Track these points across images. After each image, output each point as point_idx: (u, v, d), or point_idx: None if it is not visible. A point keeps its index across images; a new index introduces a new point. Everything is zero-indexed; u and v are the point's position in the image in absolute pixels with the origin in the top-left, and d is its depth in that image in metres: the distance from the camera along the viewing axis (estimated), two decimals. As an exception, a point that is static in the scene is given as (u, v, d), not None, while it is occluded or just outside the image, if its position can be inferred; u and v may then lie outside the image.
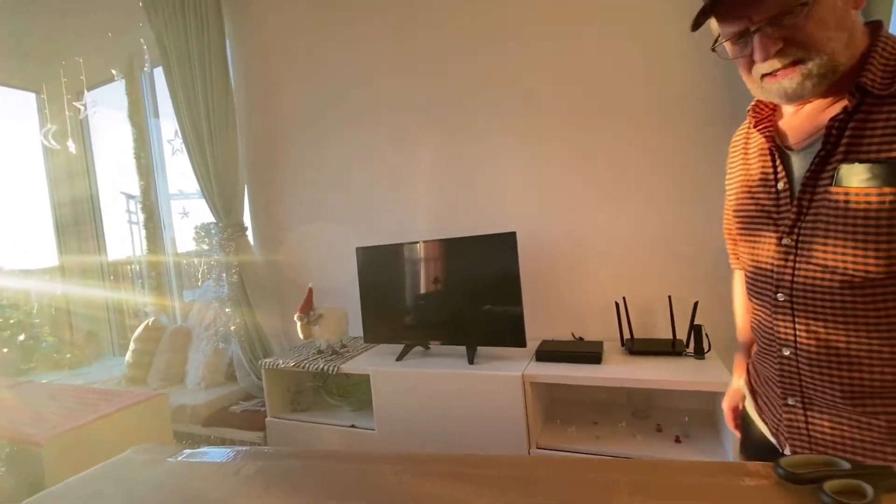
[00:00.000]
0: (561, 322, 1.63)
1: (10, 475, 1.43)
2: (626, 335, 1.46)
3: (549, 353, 1.42)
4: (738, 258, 0.85)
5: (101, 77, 2.64)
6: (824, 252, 0.60)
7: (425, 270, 1.65)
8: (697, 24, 0.61)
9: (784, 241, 0.64)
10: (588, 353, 1.38)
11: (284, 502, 0.49)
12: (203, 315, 2.40)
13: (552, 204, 1.64)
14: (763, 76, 0.59)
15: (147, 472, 0.61)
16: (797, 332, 0.64)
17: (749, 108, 0.70)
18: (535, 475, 0.51)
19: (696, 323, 1.33)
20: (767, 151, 0.67)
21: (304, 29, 2.04)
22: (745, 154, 0.73)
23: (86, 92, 2.56)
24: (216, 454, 0.66)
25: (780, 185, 0.64)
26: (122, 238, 3.25)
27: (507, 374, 1.36)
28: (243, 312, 2.18)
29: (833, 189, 0.57)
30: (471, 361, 1.48)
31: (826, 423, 0.62)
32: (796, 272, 0.63)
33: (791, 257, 0.63)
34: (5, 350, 3.10)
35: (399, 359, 1.62)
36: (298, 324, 1.80)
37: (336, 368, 1.65)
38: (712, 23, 0.63)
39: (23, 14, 2.39)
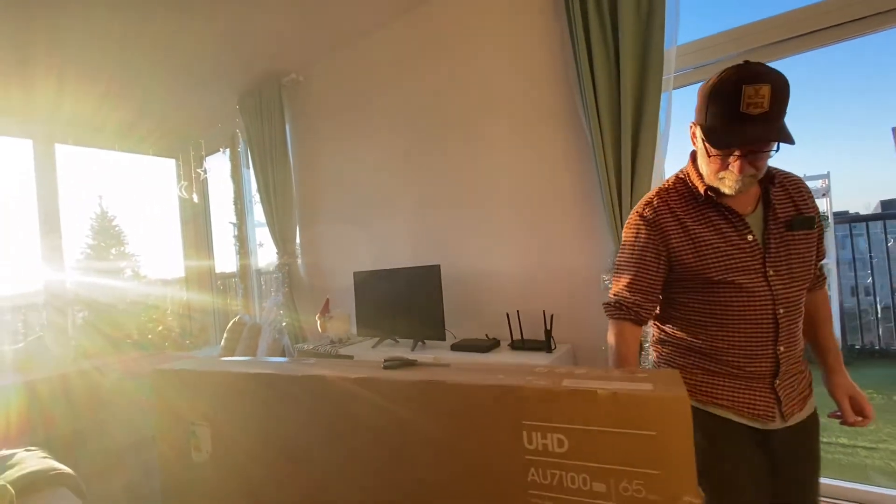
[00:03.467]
0: (482, 327, 2.30)
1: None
2: (517, 337, 2.10)
3: (459, 344, 2.12)
4: (637, 313, 1.01)
5: (213, 150, 3.87)
6: (792, 270, 0.92)
7: (393, 288, 2.43)
8: (720, 145, 0.86)
9: (771, 273, 0.90)
10: (481, 345, 2.06)
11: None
12: (269, 315, 3.42)
13: (475, 243, 2.35)
14: (722, 176, 0.89)
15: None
16: (791, 332, 0.92)
17: (704, 196, 0.95)
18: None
19: (550, 328, 1.95)
20: (727, 216, 0.94)
21: (336, 123, 2.99)
22: (688, 224, 0.96)
23: (204, 161, 3.78)
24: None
25: (750, 238, 0.92)
26: (229, 256, 4.48)
27: (425, 357, 2.09)
28: (291, 314, 3.14)
29: (795, 232, 0.92)
30: (412, 349, 2.23)
31: (791, 384, 0.96)
32: (786, 291, 0.91)
33: (779, 281, 0.91)
34: (150, 336, 4.46)
35: (374, 347, 2.42)
36: (318, 322, 2.69)
37: (336, 351, 2.49)
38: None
39: (169, 111, 3.66)
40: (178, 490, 1.29)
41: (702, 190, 0.95)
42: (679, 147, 1.72)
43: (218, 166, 3.96)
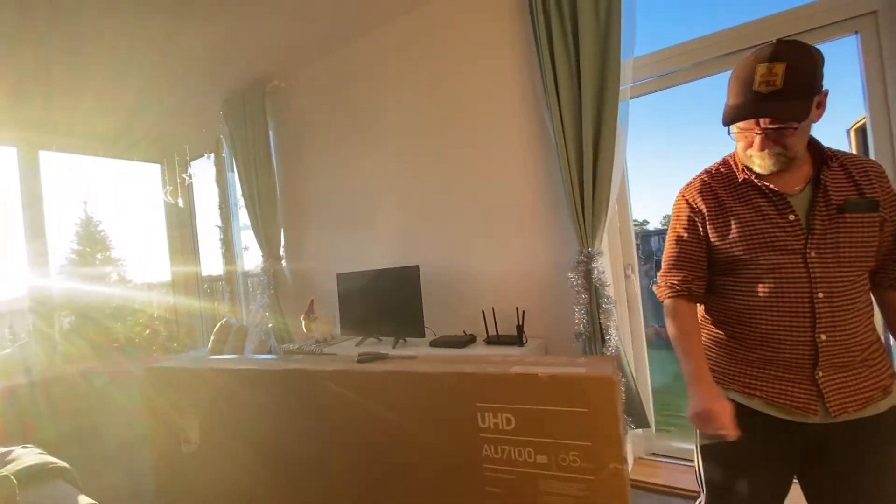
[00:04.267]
0: (459, 323, 2.41)
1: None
2: (492, 332, 2.22)
3: (438, 341, 2.23)
4: (688, 289, 1.02)
5: (198, 154, 3.93)
6: (840, 254, 0.86)
7: (375, 288, 2.53)
8: (732, 121, 0.89)
9: (812, 255, 0.86)
10: (458, 341, 2.17)
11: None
12: (255, 318, 3.49)
13: (452, 245, 2.46)
14: (750, 154, 0.91)
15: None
16: (834, 320, 0.85)
17: (742, 175, 0.96)
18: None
19: (522, 324, 2.07)
20: (768, 195, 0.92)
21: (319, 128, 3.08)
22: (727, 202, 0.96)
23: (188, 166, 3.83)
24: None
25: (791, 217, 0.89)
26: (215, 260, 4.52)
27: (405, 353, 2.19)
28: (276, 316, 3.22)
29: (848, 215, 0.86)
30: (393, 346, 2.34)
31: (844, 379, 0.87)
32: (827, 274, 0.86)
33: (820, 264, 0.86)
34: (136, 340, 4.49)
35: (357, 345, 2.51)
36: (303, 323, 2.77)
37: (321, 350, 2.58)
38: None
39: (153, 117, 3.71)
40: (171, 479, 1.39)
41: (740, 168, 0.97)
42: (639, 154, 1.84)
43: (203, 171, 4.02)
